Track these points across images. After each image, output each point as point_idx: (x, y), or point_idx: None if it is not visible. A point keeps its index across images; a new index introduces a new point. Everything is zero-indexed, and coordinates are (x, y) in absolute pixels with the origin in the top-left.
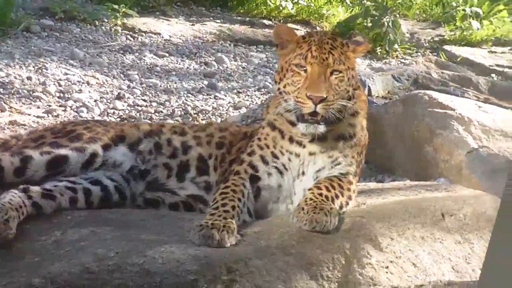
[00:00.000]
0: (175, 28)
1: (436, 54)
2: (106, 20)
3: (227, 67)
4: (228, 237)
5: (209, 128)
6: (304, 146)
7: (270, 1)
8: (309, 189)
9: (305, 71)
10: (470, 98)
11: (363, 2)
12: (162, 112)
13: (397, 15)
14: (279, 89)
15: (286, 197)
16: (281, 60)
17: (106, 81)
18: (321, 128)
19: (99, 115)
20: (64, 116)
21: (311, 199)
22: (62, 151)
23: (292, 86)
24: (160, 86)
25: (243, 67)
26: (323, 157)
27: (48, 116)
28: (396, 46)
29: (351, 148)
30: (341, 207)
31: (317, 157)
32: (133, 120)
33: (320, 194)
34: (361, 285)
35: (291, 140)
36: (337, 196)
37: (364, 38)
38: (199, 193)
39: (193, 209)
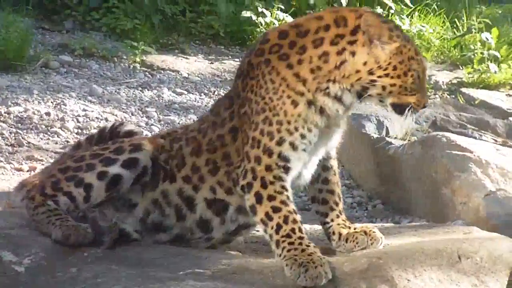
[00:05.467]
0: (193, 66)
1: (454, 96)
2: (124, 57)
3: None
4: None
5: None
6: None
7: None
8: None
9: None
10: (488, 141)
11: None
12: None
13: None
14: (374, 75)
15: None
16: (387, 53)
17: (125, 117)
18: None
19: None
20: None
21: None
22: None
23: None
24: (179, 123)
25: None
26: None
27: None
28: None
29: None
30: None
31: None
32: None
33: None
34: None
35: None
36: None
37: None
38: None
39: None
